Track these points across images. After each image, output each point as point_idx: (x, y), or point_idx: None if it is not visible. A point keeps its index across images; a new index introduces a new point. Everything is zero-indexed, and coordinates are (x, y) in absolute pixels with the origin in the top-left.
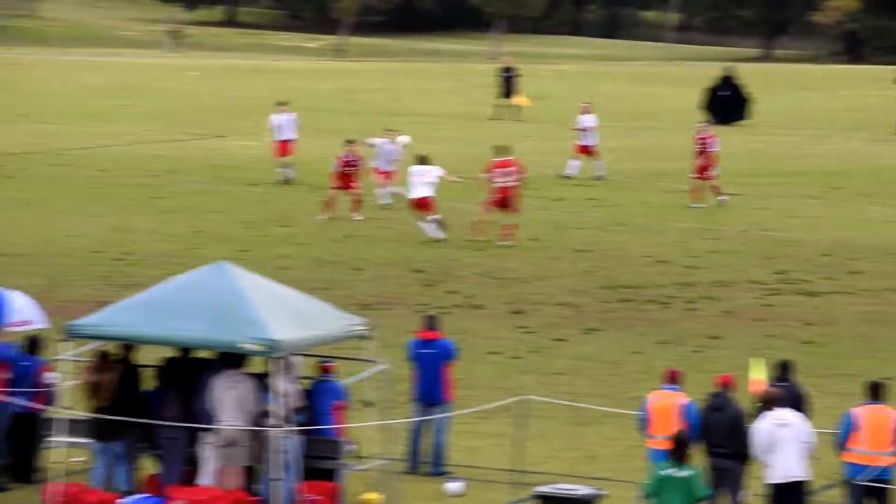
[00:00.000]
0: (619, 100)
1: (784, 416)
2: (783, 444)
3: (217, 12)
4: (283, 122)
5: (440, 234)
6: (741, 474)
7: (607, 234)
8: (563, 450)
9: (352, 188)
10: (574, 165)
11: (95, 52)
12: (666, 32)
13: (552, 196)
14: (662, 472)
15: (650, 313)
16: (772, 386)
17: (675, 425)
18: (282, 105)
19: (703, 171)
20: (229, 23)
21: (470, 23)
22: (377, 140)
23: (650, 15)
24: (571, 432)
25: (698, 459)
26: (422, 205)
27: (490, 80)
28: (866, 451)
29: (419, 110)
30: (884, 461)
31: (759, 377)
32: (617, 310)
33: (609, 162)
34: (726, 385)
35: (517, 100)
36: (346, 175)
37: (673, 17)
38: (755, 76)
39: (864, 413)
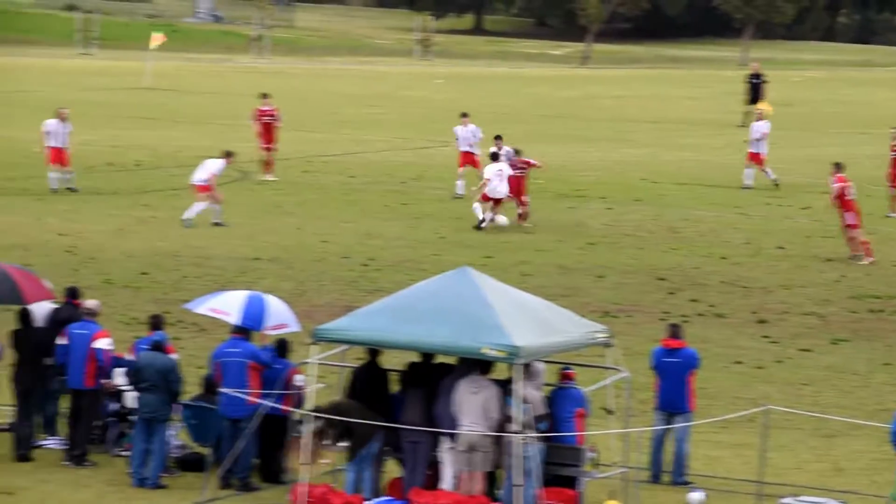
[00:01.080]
0: (873, 106)
1: None
2: None
3: (465, 21)
4: (465, 134)
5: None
6: None
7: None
8: (808, 461)
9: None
10: (748, 174)
11: (349, 61)
12: None
13: (798, 204)
14: None
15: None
16: None
17: None
18: (464, 116)
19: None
20: (476, 31)
21: (719, 29)
22: None
23: None
24: (817, 444)
25: None
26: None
27: (739, 87)
28: None
29: (664, 117)
30: None
31: None
32: (865, 320)
33: (862, 170)
34: None
35: (762, 106)
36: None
37: None
38: None
39: None
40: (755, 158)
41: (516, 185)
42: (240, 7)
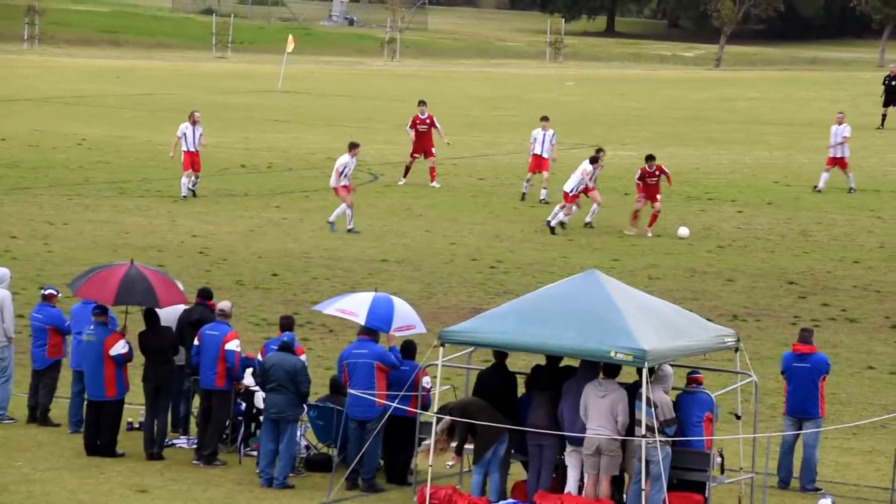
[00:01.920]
0: None
1: None
2: None
3: (597, 23)
4: (542, 138)
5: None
6: None
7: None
8: None
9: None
10: (824, 178)
11: (480, 63)
12: None
13: None
14: None
15: None
16: None
17: None
18: (544, 120)
19: None
20: (608, 33)
21: (856, 30)
22: None
23: None
24: None
25: None
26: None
27: (876, 89)
28: None
29: (798, 119)
30: None
31: None
32: None
33: None
34: None
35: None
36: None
37: None
38: None
39: None
40: (836, 162)
41: (652, 191)
42: (373, 10)
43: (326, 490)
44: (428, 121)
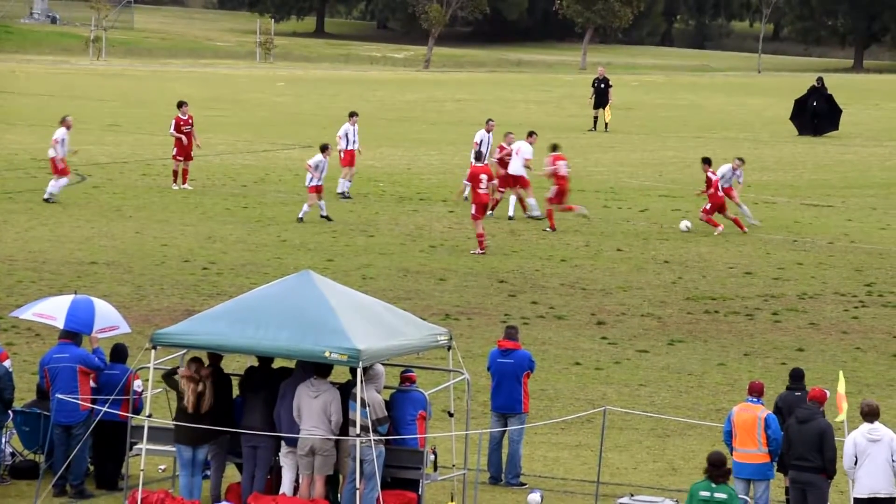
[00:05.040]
0: (709, 110)
1: (878, 430)
2: (872, 458)
3: (306, 23)
4: (352, 133)
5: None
6: (826, 489)
7: (692, 245)
8: (644, 461)
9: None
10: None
11: (190, 63)
12: (756, 43)
13: (637, 207)
14: (702, 494)
15: (735, 325)
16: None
17: (758, 438)
18: (353, 116)
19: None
20: (318, 33)
21: (560, 33)
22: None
23: (740, 25)
24: (653, 444)
25: (778, 472)
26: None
27: (580, 91)
28: None
29: (506, 121)
30: None
31: (843, 391)
32: (701, 321)
33: (698, 172)
34: (817, 399)
35: (607, 112)
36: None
37: (763, 28)
38: (846, 87)
39: None
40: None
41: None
42: (76, 8)
43: (33, 498)
44: (191, 121)
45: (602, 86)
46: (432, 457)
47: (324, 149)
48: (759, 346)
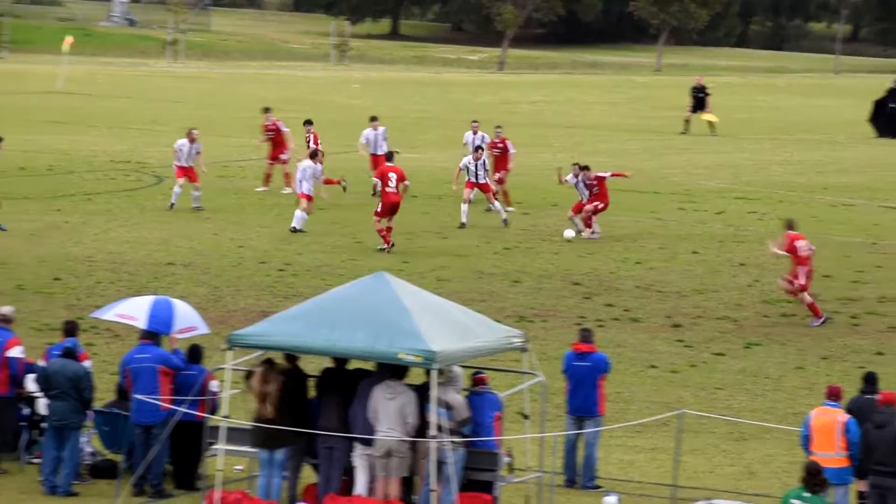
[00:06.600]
0: (786, 112)
1: None
2: None
3: (382, 25)
4: (374, 137)
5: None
6: None
7: (768, 248)
8: (721, 465)
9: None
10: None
11: (266, 65)
12: (834, 44)
13: (712, 209)
14: (793, 502)
15: (812, 328)
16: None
17: (836, 442)
18: (374, 120)
19: None
20: (393, 35)
21: (634, 35)
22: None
23: (818, 26)
24: (730, 448)
25: (856, 479)
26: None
27: (654, 93)
28: None
29: (580, 122)
30: None
31: None
32: (778, 324)
33: (774, 174)
34: (891, 402)
35: (708, 116)
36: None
37: (841, 29)
38: None
39: None
40: (486, 188)
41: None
42: (154, 11)
43: (113, 497)
44: (273, 127)
45: (700, 94)
46: (508, 459)
47: (313, 155)
48: (838, 350)
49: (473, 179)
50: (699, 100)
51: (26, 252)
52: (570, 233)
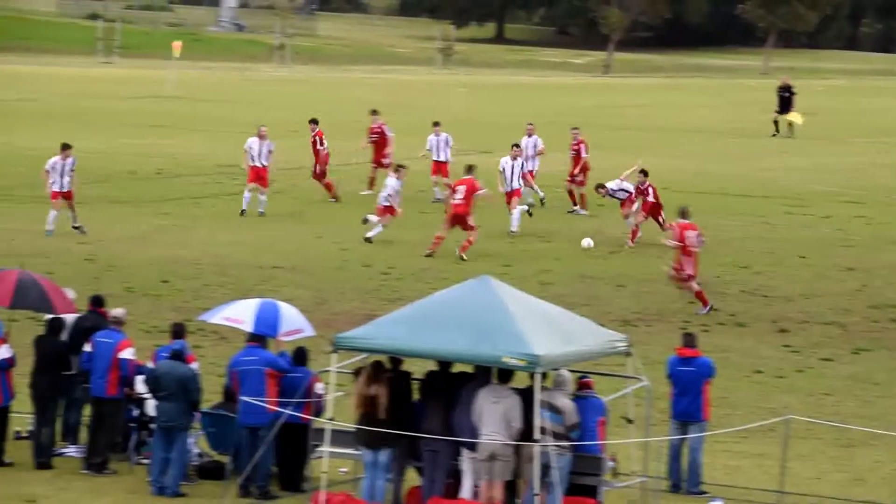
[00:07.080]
0: (895, 115)
1: None
2: None
3: (487, 29)
4: (436, 143)
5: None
6: None
7: (876, 253)
8: (828, 472)
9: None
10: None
11: (371, 70)
12: None
13: (819, 213)
14: None
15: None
16: None
17: None
18: (436, 125)
19: None
20: (498, 39)
21: (742, 38)
22: None
23: None
24: (838, 454)
25: None
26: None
27: (760, 96)
28: None
29: (682, 125)
30: None
31: None
32: (887, 329)
33: (882, 178)
34: None
35: (792, 117)
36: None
37: None
38: None
39: None
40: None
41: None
42: (262, 16)
43: (219, 498)
44: (378, 130)
45: (786, 93)
46: (612, 464)
47: (397, 168)
48: None
49: (509, 189)
50: (785, 99)
51: (135, 255)
52: (588, 242)
